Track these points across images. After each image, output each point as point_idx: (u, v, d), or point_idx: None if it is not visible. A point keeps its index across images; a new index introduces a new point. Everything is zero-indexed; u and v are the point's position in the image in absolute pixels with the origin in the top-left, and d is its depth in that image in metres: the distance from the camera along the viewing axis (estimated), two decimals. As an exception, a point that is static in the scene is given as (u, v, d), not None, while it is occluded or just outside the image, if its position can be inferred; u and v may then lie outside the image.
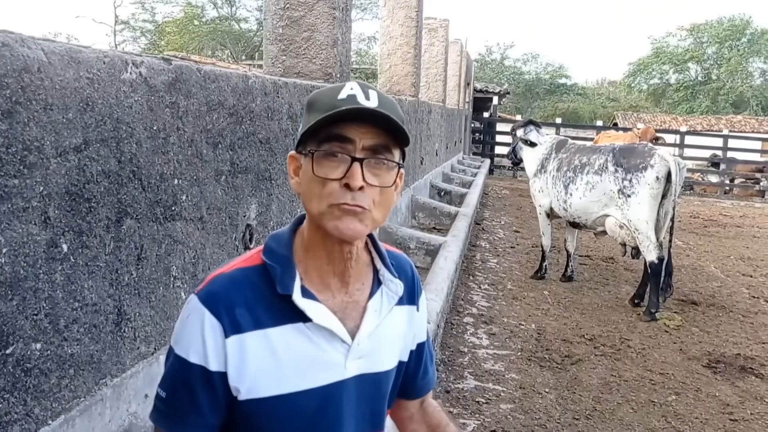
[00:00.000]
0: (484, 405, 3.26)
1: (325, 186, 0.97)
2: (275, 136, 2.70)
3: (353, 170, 0.96)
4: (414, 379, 1.23)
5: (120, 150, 1.60)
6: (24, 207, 1.28)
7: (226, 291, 1.01)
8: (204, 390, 0.99)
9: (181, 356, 1.00)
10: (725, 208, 12.83)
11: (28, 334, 1.31)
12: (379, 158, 0.99)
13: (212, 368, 0.98)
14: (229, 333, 0.98)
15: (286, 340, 1.01)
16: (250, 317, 1.00)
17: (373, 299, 1.09)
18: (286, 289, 1.00)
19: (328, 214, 0.98)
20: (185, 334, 1.00)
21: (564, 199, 5.59)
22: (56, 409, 1.41)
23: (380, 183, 0.99)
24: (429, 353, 1.27)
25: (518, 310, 5.02)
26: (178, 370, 1.00)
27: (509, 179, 16.22)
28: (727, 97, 34.37)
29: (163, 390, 1.02)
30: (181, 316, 1.03)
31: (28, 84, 1.28)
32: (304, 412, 1.02)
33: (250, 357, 0.99)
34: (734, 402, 3.59)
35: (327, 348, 1.03)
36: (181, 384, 1.00)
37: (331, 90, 1.02)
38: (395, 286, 1.10)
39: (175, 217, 1.89)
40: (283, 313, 1.01)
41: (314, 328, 1.02)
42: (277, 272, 1.02)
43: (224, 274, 1.04)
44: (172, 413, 1.00)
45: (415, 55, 7.18)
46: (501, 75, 40.37)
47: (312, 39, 3.67)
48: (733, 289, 6.10)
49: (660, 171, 4.96)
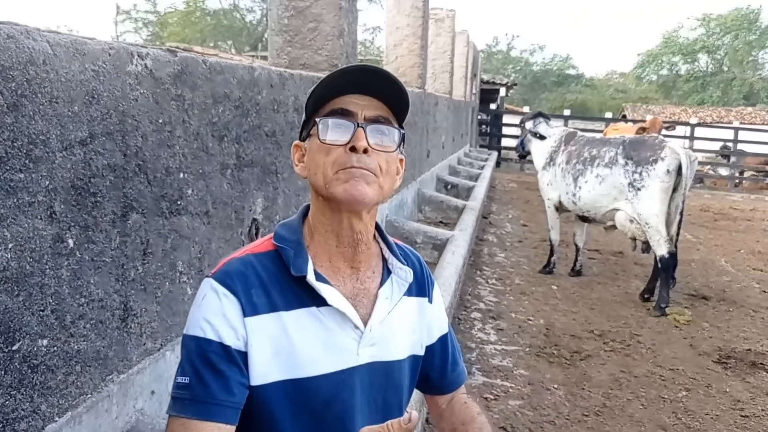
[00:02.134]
0: (492, 401, 3.24)
1: (330, 153, 1.00)
2: (281, 128, 2.67)
3: (358, 133, 1.00)
4: (444, 373, 1.24)
5: (126, 143, 1.58)
6: (30, 201, 1.26)
7: (242, 273, 1.01)
8: (228, 366, 0.96)
9: (197, 336, 0.97)
10: (735, 202, 12.74)
11: (34, 330, 1.29)
12: (380, 127, 1.03)
13: (232, 345, 0.96)
14: (248, 313, 0.98)
15: (300, 323, 1.00)
16: (266, 299, 1.00)
17: (384, 287, 1.10)
18: (299, 271, 1.01)
19: (335, 180, 1.00)
20: (202, 313, 0.98)
21: (573, 192, 5.54)
22: (63, 406, 1.39)
23: (384, 148, 1.03)
24: (454, 346, 1.27)
25: (526, 305, 4.99)
26: (196, 351, 0.97)
27: (516, 172, 16.15)
28: (739, 88, 34.06)
29: (184, 377, 0.97)
30: (196, 301, 1.02)
31: (33, 77, 1.26)
32: (316, 397, 1.01)
33: (267, 340, 0.98)
34: (745, 398, 3.56)
35: (340, 333, 1.03)
36: (204, 365, 0.96)
37: (329, 74, 1.07)
38: (404, 273, 1.11)
39: (180, 212, 1.87)
40: (297, 297, 1.01)
41: (327, 313, 1.02)
42: (290, 255, 1.02)
43: (237, 258, 1.04)
44: (198, 398, 0.95)
45: (421, 46, 7.12)
46: (508, 66, 40.17)
47: (318, 30, 3.63)
48: (743, 284, 6.05)
49: (671, 164, 4.90)
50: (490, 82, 20.08)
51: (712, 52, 37.02)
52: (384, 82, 1.03)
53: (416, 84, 7.05)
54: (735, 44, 35.52)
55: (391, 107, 1.05)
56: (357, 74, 1.02)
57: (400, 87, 1.04)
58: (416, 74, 7.09)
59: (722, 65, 36.91)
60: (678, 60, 37.64)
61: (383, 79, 1.02)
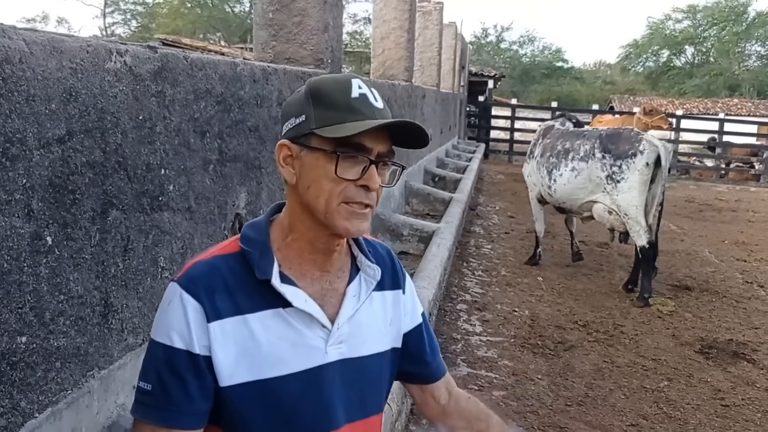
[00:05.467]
0: (476, 392, 3.27)
1: (339, 184, 1.00)
2: (264, 123, 2.67)
3: (371, 173, 1.01)
4: (423, 360, 1.25)
5: (105, 140, 1.58)
6: (6, 200, 1.26)
7: (206, 277, 1.02)
8: (192, 375, 0.98)
9: (164, 344, 0.99)
10: (720, 192, 12.86)
11: (13, 327, 1.30)
12: (389, 162, 1.06)
13: (198, 352, 0.98)
14: (210, 318, 0.99)
15: (265, 325, 1.02)
16: (230, 303, 1.01)
17: (352, 285, 1.11)
18: (264, 274, 1.02)
19: (337, 213, 1.01)
20: (167, 320, 1.00)
21: (548, 185, 5.63)
22: (43, 402, 1.40)
23: (384, 183, 1.06)
24: (429, 335, 1.28)
25: (512, 296, 5.03)
26: (162, 358, 0.99)
27: (504, 164, 16.20)
28: (723, 78, 34.24)
29: (147, 383, 1.00)
30: (162, 305, 1.03)
31: (9, 75, 1.26)
32: (286, 396, 1.02)
33: (231, 343, 1.00)
34: (726, 387, 3.62)
35: (307, 333, 1.04)
36: (167, 372, 0.98)
37: (338, 84, 1.04)
38: (373, 271, 1.13)
39: (162, 208, 1.87)
40: (262, 299, 1.02)
41: (294, 313, 1.03)
42: (255, 258, 1.03)
43: (203, 261, 1.05)
44: (161, 404, 0.99)
45: (408, 39, 7.11)
46: (497, 57, 40.15)
47: (303, 24, 3.62)
48: (727, 274, 6.13)
49: (650, 156, 5.02)
50: (479, 74, 20.09)
51: (698, 43, 37.17)
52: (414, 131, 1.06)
53: (403, 77, 7.05)
54: (722, 36, 35.68)
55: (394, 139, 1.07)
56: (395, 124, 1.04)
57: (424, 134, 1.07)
58: (403, 67, 7.09)
59: (708, 57, 37.08)
60: (664, 52, 37.75)
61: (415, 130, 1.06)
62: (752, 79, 34.07)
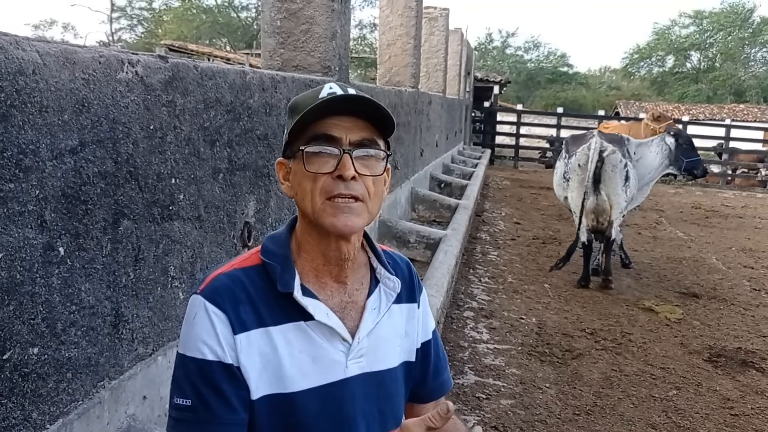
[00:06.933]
0: (484, 401, 3.26)
1: (317, 181, 0.99)
2: (273, 132, 2.68)
3: (344, 161, 0.98)
4: (424, 380, 1.21)
5: (116, 151, 1.59)
6: (20, 211, 1.27)
7: (230, 289, 1.01)
8: (229, 384, 0.97)
9: (195, 357, 0.97)
10: (727, 199, 12.80)
11: (25, 338, 1.30)
12: (367, 150, 1.01)
13: (230, 362, 0.97)
14: (237, 330, 0.98)
15: (287, 338, 1.01)
16: (254, 315, 1.00)
17: (372, 298, 1.09)
18: (286, 287, 1.01)
19: (323, 211, 0.99)
20: (195, 333, 0.99)
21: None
22: (54, 413, 1.40)
23: (371, 172, 1.02)
24: (437, 353, 1.23)
25: (519, 303, 5.01)
26: (196, 372, 0.97)
27: (510, 169, 16.18)
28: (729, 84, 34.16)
29: (184, 398, 0.97)
30: (186, 319, 1.02)
31: (23, 87, 1.27)
32: (307, 411, 1.01)
33: (256, 355, 0.99)
34: (735, 396, 3.59)
35: (328, 347, 1.03)
36: (204, 385, 0.96)
37: (311, 91, 1.05)
38: (393, 283, 1.11)
39: (172, 217, 1.88)
40: (284, 312, 1.01)
41: (315, 327, 1.02)
42: (276, 271, 1.02)
43: (224, 274, 1.04)
44: (202, 419, 0.96)
45: (414, 46, 7.12)
46: (502, 63, 40.18)
47: (310, 32, 3.63)
48: (734, 282, 6.09)
49: (580, 158, 5.38)
50: (484, 79, 20.10)
51: (704, 49, 37.12)
52: (368, 105, 1.01)
53: (410, 83, 7.06)
54: (728, 41, 35.62)
55: (376, 126, 1.04)
56: (338, 102, 1.00)
57: (385, 113, 1.02)
58: (409, 73, 7.10)
59: (714, 62, 37.01)
60: (669, 57, 37.72)
61: (367, 104, 1.01)
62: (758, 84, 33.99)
